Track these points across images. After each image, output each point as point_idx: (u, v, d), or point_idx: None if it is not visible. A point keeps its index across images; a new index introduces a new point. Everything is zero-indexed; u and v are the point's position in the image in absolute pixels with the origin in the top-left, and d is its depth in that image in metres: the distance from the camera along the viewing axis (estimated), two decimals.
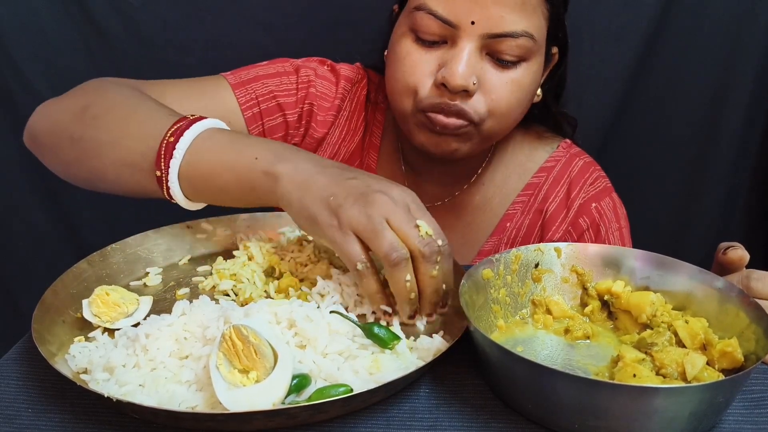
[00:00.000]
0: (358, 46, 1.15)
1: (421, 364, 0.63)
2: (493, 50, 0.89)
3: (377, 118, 1.10)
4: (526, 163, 1.09)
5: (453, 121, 0.90)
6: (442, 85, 0.89)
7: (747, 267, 0.73)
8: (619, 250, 0.75)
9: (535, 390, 0.58)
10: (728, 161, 1.49)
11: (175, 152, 0.76)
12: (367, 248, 0.68)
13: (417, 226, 0.68)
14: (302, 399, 0.59)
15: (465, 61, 0.87)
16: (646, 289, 0.72)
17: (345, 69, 1.10)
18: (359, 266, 0.68)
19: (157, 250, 0.84)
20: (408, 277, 0.68)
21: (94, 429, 0.58)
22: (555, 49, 1.00)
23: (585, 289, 0.75)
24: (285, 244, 0.85)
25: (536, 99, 1.01)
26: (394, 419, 0.60)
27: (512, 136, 1.08)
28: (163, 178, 0.77)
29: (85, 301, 0.71)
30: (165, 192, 0.79)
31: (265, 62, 1.07)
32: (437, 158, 0.97)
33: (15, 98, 1.38)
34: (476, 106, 0.90)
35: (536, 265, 0.75)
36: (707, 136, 1.47)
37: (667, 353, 0.63)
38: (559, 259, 0.75)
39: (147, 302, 0.74)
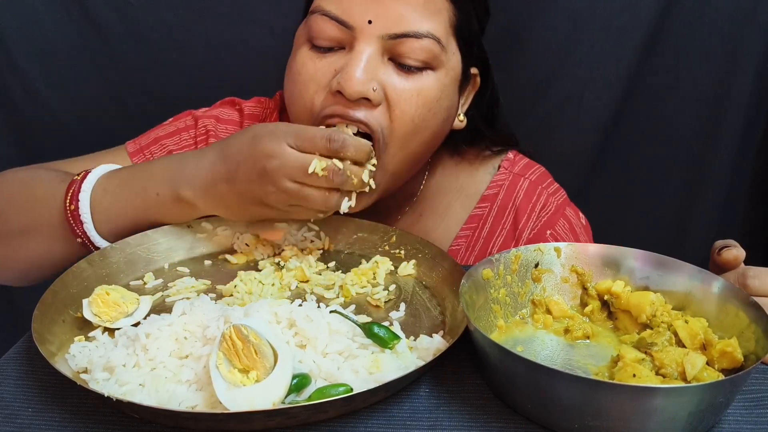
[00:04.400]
0: None
1: (421, 363, 0.63)
2: (395, 54, 0.81)
3: None
4: (468, 188, 1.01)
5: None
6: (338, 93, 0.81)
7: (746, 265, 0.73)
8: (619, 250, 0.75)
9: (535, 390, 0.58)
10: (728, 161, 1.49)
11: (82, 217, 0.81)
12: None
13: (312, 173, 0.74)
14: (302, 398, 0.59)
15: (363, 65, 0.80)
16: (646, 289, 0.72)
17: (249, 107, 1.06)
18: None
19: (157, 249, 0.84)
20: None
21: (94, 428, 0.58)
22: (475, 71, 0.92)
23: (585, 289, 0.75)
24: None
25: (459, 125, 0.93)
26: (394, 419, 0.60)
27: (441, 160, 1.01)
28: (88, 243, 0.82)
29: (85, 301, 0.71)
30: (93, 249, 0.83)
31: (168, 120, 1.06)
32: None
33: (15, 98, 1.38)
34: (380, 118, 0.82)
35: (536, 265, 0.75)
36: (707, 136, 1.46)
37: (666, 353, 0.63)
38: (559, 259, 0.75)
39: (147, 302, 0.74)
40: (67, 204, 0.81)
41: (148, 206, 0.82)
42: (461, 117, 0.94)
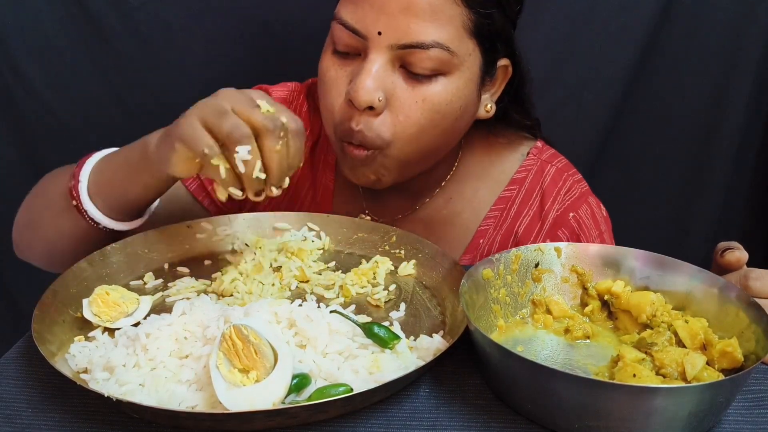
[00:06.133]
0: None
1: (421, 363, 0.63)
2: (405, 62, 0.84)
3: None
4: (497, 175, 1.04)
5: (361, 152, 0.87)
6: (350, 102, 0.84)
7: (747, 266, 0.73)
8: (619, 250, 0.75)
9: (535, 390, 0.58)
10: (728, 161, 1.49)
11: (80, 176, 0.82)
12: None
13: (258, 106, 0.70)
14: (302, 399, 0.59)
15: (372, 75, 0.83)
16: (646, 289, 0.72)
17: (277, 91, 1.07)
18: (206, 150, 0.69)
19: (157, 249, 0.84)
20: (250, 154, 0.69)
21: (94, 428, 0.58)
22: (505, 62, 0.94)
23: (585, 288, 0.75)
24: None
25: (485, 115, 0.95)
26: (394, 419, 0.60)
27: (472, 146, 1.04)
28: (81, 209, 0.82)
29: (85, 301, 0.71)
30: (84, 217, 0.82)
31: None
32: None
33: (15, 98, 1.38)
34: (380, 129, 0.85)
35: (536, 265, 0.75)
36: (707, 136, 1.47)
37: (667, 353, 0.63)
38: (559, 259, 0.75)
39: (147, 302, 0.74)
40: (74, 169, 0.83)
41: (121, 165, 0.82)
42: (488, 107, 0.95)
